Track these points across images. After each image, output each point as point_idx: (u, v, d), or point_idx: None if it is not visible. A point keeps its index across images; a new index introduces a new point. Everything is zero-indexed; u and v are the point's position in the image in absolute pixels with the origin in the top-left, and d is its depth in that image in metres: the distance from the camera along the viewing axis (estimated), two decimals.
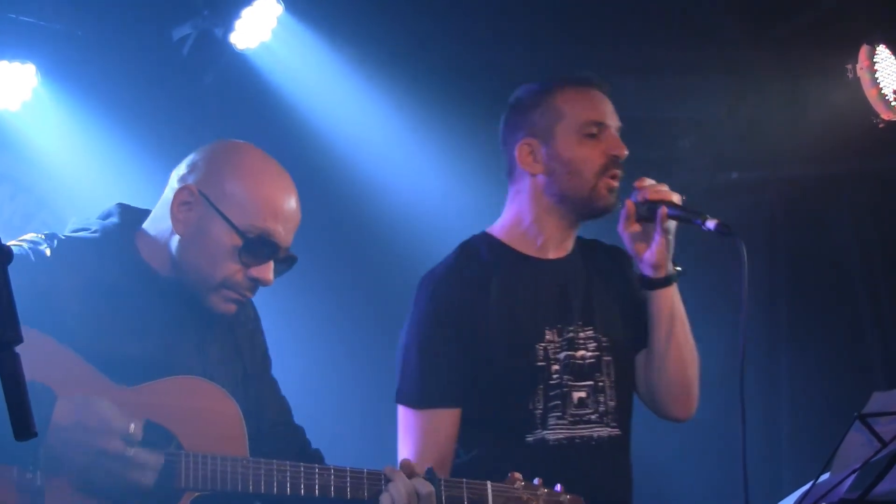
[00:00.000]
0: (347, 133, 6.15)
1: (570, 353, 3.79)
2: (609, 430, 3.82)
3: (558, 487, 3.40)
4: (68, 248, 3.23)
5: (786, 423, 6.61)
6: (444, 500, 3.26)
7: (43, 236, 3.24)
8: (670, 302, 3.84)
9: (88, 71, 5.41)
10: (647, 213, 3.76)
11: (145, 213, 3.42)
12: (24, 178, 5.63)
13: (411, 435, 3.75)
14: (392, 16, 5.80)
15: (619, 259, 3.99)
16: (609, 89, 3.91)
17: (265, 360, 3.58)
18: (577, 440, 3.77)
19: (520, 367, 3.75)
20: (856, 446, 3.12)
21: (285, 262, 3.35)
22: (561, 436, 3.76)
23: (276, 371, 3.70)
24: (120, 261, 3.27)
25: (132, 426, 3.02)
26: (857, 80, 5.87)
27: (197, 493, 3.11)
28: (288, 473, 3.16)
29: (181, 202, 3.27)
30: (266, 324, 3.72)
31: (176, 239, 3.27)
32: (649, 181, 3.79)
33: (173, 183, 3.34)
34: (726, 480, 6.70)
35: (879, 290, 6.56)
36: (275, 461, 3.17)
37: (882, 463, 3.11)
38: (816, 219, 6.72)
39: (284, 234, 3.30)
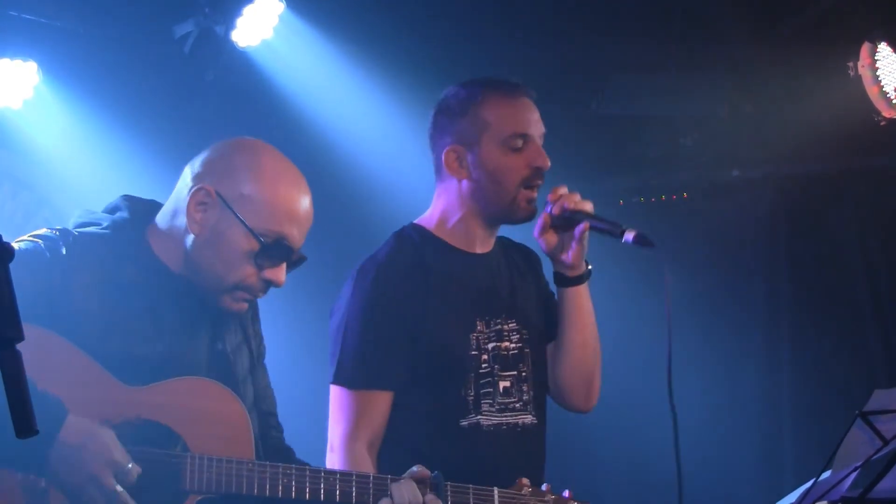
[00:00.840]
0: (349, 131, 6.15)
1: (497, 343, 3.91)
2: (531, 417, 3.93)
3: (566, 493, 3.40)
4: (83, 245, 3.21)
5: (787, 421, 6.62)
6: None
7: (57, 232, 3.22)
8: (582, 299, 3.97)
9: (90, 69, 5.41)
10: (564, 223, 3.86)
11: (153, 206, 3.40)
12: (26, 175, 5.63)
13: (345, 415, 3.80)
14: (393, 13, 5.80)
15: (529, 257, 4.14)
16: (535, 96, 3.97)
17: (261, 347, 3.57)
18: (505, 426, 3.86)
19: (455, 356, 3.84)
20: (857, 444, 3.13)
21: (296, 262, 3.36)
22: (492, 422, 3.85)
23: (281, 368, 3.70)
24: (134, 258, 3.25)
25: (130, 465, 3.01)
26: (858, 77, 5.87)
27: (201, 496, 3.10)
28: (293, 477, 3.15)
29: (198, 202, 3.24)
30: (267, 323, 3.72)
31: (191, 238, 3.25)
32: (563, 190, 3.87)
33: (187, 180, 3.31)
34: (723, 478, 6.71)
35: (881, 288, 6.56)
36: (280, 464, 3.16)
37: (883, 461, 3.11)
38: (818, 216, 6.73)
39: (299, 236, 3.31)
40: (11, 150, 5.58)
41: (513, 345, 3.93)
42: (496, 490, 3.33)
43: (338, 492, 3.18)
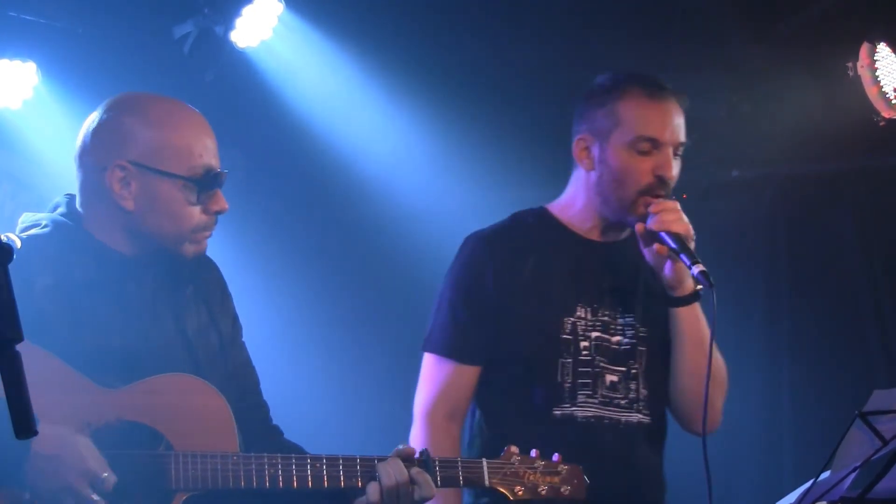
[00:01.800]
0: (348, 132, 6.15)
1: (603, 335, 3.85)
2: (640, 416, 3.87)
3: (556, 457, 3.39)
4: (30, 248, 3.19)
5: (787, 421, 6.61)
6: (439, 481, 3.24)
7: (4, 238, 3.20)
8: (689, 321, 3.86)
9: (89, 69, 5.41)
10: (653, 238, 3.78)
11: None
12: (26, 176, 5.62)
13: (431, 382, 3.87)
14: (393, 14, 5.80)
15: None
16: (686, 103, 3.89)
17: (236, 326, 3.53)
18: (606, 420, 3.83)
19: (543, 338, 3.81)
20: (856, 444, 3.12)
21: (223, 181, 3.34)
22: (590, 413, 3.81)
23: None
24: (79, 250, 3.24)
25: (106, 474, 2.97)
26: (857, 78, 5.86)
27: (189, 494, 3.08)
28: (279, 466, 3.13)
29: (118, 180, 3.23)
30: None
31: (129, 215, 3.24)
32: (665, 205, 3.77)
33: (90, 165, 3.29)
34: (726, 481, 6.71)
35: (880, 288, 6.55)
36: (265, 455, 3.14)
37: (883, 461, 3.11)
38: (817, 217, 6.72)
39: (216, 157, 3.32)
40: (11, 150, 5.58)
41: (626, 339, 3.87)
42: (484, 461, 3.32)
43: (325, 477, 3.16)
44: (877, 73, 5.84)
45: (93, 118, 3.34)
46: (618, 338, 3.86)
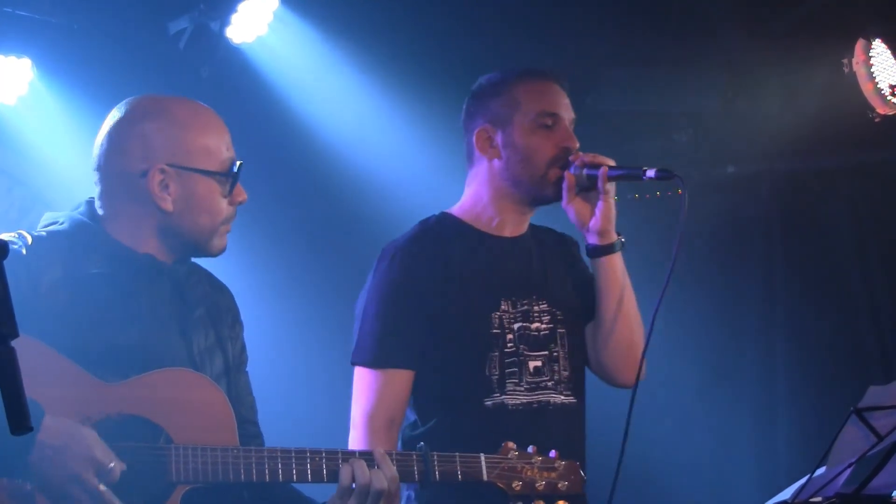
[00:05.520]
0: (343, 127, 6.15)
1: (524, 324, 3.96)
2: (563, 397, 3.97)
3: (553, 454, 3.41)
4: (42, 244, 3.21)
5: (782, 417, 6.63)
6: (436, 475, 3.26)
7: (16, 236, 3.22)
8: (617, 269, 4.01)
9: (84, 65, 5.41)
10: (588, 181, 3.92)
11: None
12: (21, 172, 5.62)
13: (364, 394, 3.88)
14: (387, 10, 5.80)
15: (567, 243, 4.19)
16: (567, 84, 4.07)
17: (242, 355, 3.55)
18: (535, 405, 3.91)
19: (475, 335, 3.90)
20: (852, 440, 3.13)
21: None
22: (519, 401, 3.90)
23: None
24: (94, 248, 3.26)
25: (113, 464, 2.99)
26: (853, 74, 5.87)
27: (189, 487, 3.10)
28: (279, 460, 3.15)
29: (158, 183, 3.27)
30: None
31: (167, 215, 3.28)
32: (582, 153, 3.94)
33: (118, 170, 3.29)
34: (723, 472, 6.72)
35: (876, 284, 6.56)
36: (265, 448, 3.18)
37: (878, 457, 3.12)
38: (812, 212, 6.73)
39: (233, 149, 3.40)
40: (6, 146, 5.57)
41: (543, 325, 3.98)
42: (482, 456, 3.34)
43: (324, 471, 3.18)
44: (872, 70, 5.84)
45: (113, 124, 3.37)
46: (536, 325, 3.97)
